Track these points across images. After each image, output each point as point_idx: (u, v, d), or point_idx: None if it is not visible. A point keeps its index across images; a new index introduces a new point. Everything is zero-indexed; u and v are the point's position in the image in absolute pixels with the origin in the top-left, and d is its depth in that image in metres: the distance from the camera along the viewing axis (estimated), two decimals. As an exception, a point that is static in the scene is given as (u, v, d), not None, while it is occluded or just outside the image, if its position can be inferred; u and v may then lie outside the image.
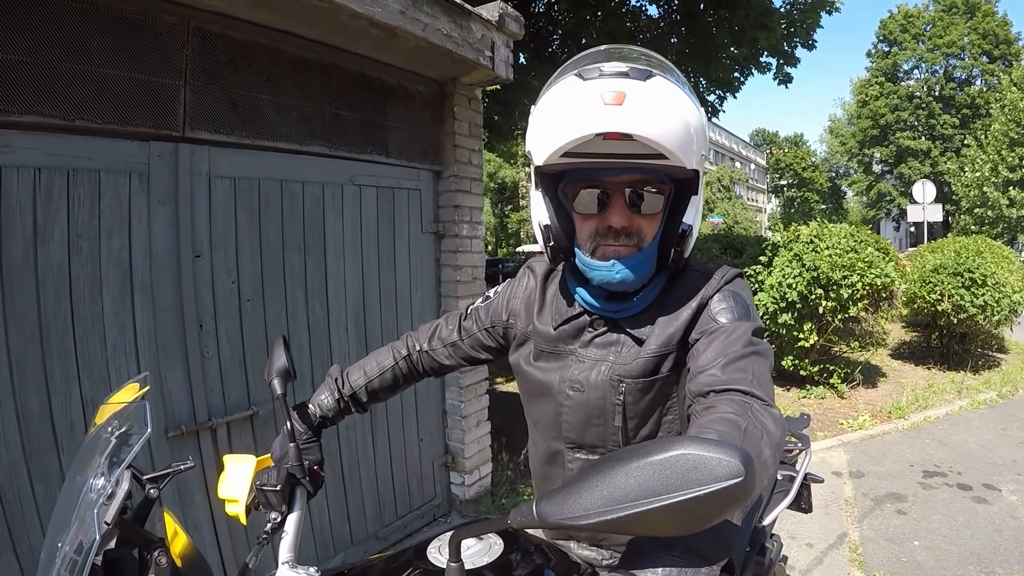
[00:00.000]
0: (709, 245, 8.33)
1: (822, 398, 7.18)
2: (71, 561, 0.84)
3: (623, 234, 1.19)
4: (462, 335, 1.57)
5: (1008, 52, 37.87)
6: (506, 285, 1.54)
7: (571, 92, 1.11)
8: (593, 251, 1.23)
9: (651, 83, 1.07)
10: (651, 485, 0.63)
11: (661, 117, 1.06)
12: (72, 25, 2.30)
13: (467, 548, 1.11)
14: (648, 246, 1.22)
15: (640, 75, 1.07)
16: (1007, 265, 8.65)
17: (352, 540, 3.52)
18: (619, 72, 1.08)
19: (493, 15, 3.73)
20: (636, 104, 1.05)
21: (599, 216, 1.20)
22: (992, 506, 4.37)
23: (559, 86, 1.14)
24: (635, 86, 1.06)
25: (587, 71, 1.10)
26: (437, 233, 4.04)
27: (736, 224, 45.64)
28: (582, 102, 1.08)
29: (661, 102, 1.07)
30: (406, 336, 1.65)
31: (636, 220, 1.20)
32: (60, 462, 2.31)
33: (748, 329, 1.15)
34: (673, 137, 1.08)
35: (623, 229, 1.19)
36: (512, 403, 1.81)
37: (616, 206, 1.19)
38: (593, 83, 1.08)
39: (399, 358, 1.59)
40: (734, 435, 0.91)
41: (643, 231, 1.21)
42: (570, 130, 1.09)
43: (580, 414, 1.30)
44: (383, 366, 1.58)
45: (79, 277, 2.36)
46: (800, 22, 8.89)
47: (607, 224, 1.19)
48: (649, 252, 1.22)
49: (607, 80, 1.07)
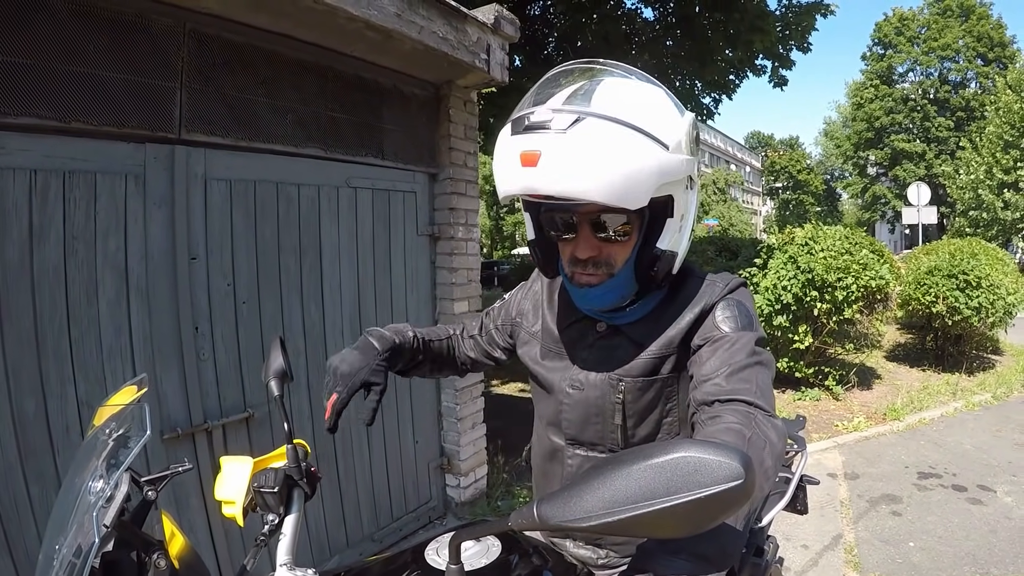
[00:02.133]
0: (704, 247, 8.35)
1: (817, 400, 7.20)
2: (69, 564, 0.84)
3: (590, 263, 1.20)
4: (481, 331, 1.65)
5: (1002, 55, 37.96)
6: (519, 287, 1.60)
7: (501, 145, 1.12)
8: (571, 277, 1.25)
9: (572, 133, 1.02)
10: (652, 487, 0.64)
11: (583, 171, 1.02)
12: (68, 27, 2.30)
13: (465, 550, 1.12)
14: (620, 272, 1.21)
15: (563, 123, 1.03)
16: (1002, 267, 8.67)
17: (348, 542, 3.51)
18: (537, 124, 1.04)
19: (489, 18, 3.73)
20: (551, 162, 1.03)
21: (571, 243, 1.21)
22: (987, 507, 4.38)
23: (501, 132, 1.14)
24: (550, 141, 1.03)
25: (517, 120, 1.09)
26: (432, 236, 4.04)
27: (731, 227, 45.80)
28: (506, 159, 1.09)
29: (582, 154, 1.02)
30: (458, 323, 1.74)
31: (605, 248, 1.19)
32: (56, 464, 2.30)
33: (751, 339, 1.17)
34: (602, 187, 1.03)
35: (590, 259, 1.19)
36: (508, 406, 1.82)
37: (582, 236, 1.18)
38: (515, 140, 1.07)
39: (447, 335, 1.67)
40: (739, 444, 0.92)
41: (613, 258, 1.20)
42: (501, 185, 1.13)
43: (579, 411, 1.33)
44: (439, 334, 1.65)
45: (75, 279, 2.36)
46: (795, 25, 8.89)
47: (573, 254, 1.21)
48: (621, 278, 1.21)
49: (524, 138, 1.06)
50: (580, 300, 1.27)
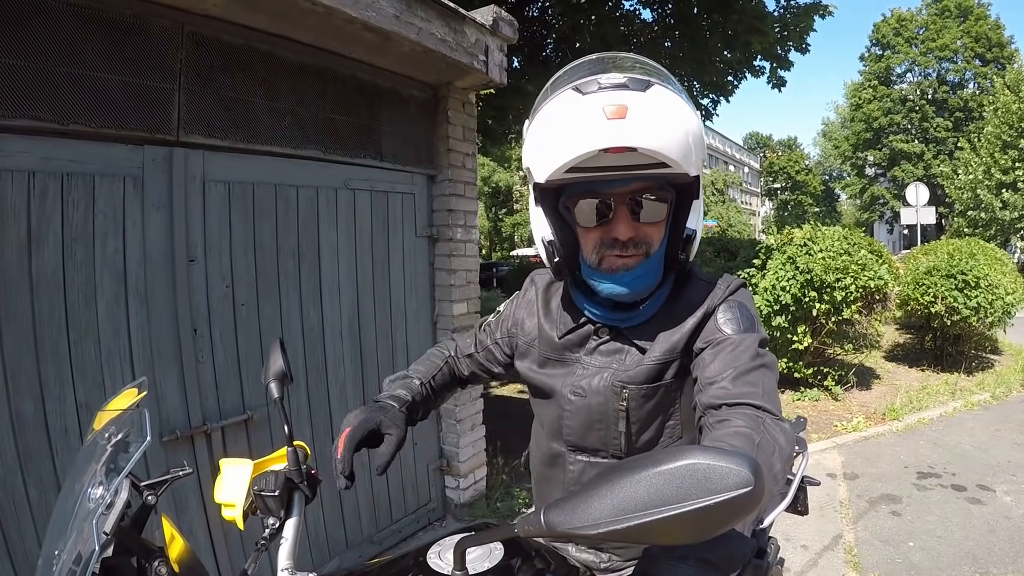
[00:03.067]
0: (703, 248, 8.33)
1: (816, 400, 7.20)
2: (69, 571, 0.83)
3: (630, 244, 1.19)
4: (477, 347, 1.61)
5: (1001, 55, 38.01)
6: (512, 299, 1.58)
7: (571, 107, 1.09)
8: (599, 262, 1.23)
9: (651, 93, 1.07)
10: (661, 494, 0.63)
11: (663, 128, 1.06)
12: (66, 29, 2.29)
13: (468, 554, 1.11)
14: (655, 252, 1.22)
15: (639, 86, 1.06)
16: (1000, 267, 8.67)
17: (347, 544, 3.50)
18: (618, 84, 1.07)
19: (487, 19, 3.73)
20: (638, 116, 1.04)
21: (602, 227, 1.20)
22: (986, 507, 4.38)
23: (556, 101, 1.13)
24: (635, 98, 1.05)
25: (584, 84, 1.09)
26: (431, 237, 4.04)
27: (730, 227, 45.83)
28: (583, 117, 1.07)
29: (662, 113, 1.06)
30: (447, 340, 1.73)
31: (641, 229, 1.19)
32: (55, 467, 2.29)
33: (755, 341, 1.17)
34: (675, 147, 1.07)
35: (629, 240, 1.19)
36: (507, 407, 1.81)
37: (620, 217, 1.18)
38: (593, 96, 1.07)
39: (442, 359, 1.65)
40: (748, 449, 0.92)
41: (650, 238, 1.21)
42: (573, 147, 1.08)
43: (581, 418, 1.32)
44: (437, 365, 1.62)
45: (73, 281, 2.36)
46: (793, 26, 8.90)
47: (612, 236, 1.19)
48: (656, 259, 1.23)
49: (607, 93, 1.06)
50: (615, 285, 1.22)
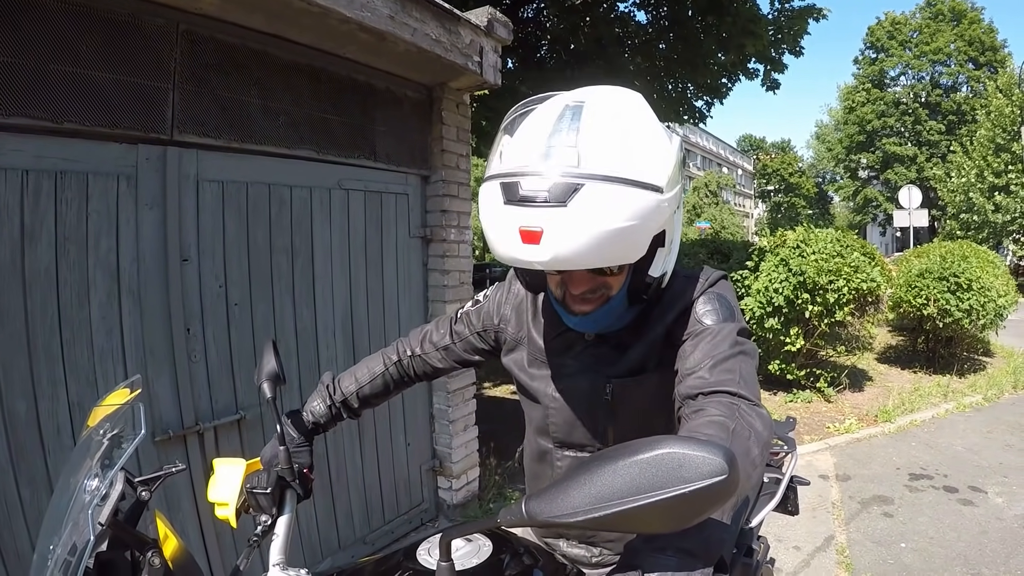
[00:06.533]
0: (696, 250, 8.37)
1: (809, 402, 7.23)
2: (64, 563, 0.84)
3: (587, 293, 1.17)
4: (454, 338, 1.58)
5: (993, 59, 38.20)
6: (495, 289, 1.55)
7: (494, 211, 1.04)
8: (563, 298, 1.21)
9: (572, 206, 0.96)
10: (638, 483, 0.65)
11: (588, 242, 0.98)
12: (60, 27, 2.29)
13: (456, 550, 1.12)
14: (615, 296, 1.19)
15: (562, 195, 0.96)
16: (992, 270, 8.72)
17: (340, 545, 3.51)
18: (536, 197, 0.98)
19: (482, 20, 3.74)
20: (555, 239, 0.98)
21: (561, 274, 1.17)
22: (978, 508, 4.41)
23: (486, 191, 1.07)
24: (553, 216, 0.97)
25: (509, 185, 1.01)
26: (425, 238, 4.04)
27: (723, 229, 45.82)
28: (503, 230, 1.03)
29: (586, 226, 0.97)
30: (396, 342, 1.66)
31: (598, 279, 1.16)
32: (47, 466, 2.29)
33: (733, 330, 1.16)
34: (608, 251, 1.01)
35: (585, 291, 1.17)
36: (500, 408, 1.81)
37: (576, 274, 1.15)
38: (511, 211, 1.01)
39: (390, 364, 1.60)
40: (722, 437, 0.92)
41: (609, 286, 1.18)
42: (499, 252, 1.06)
43: (566, 416, 1.34)
44: (374, 372, 1.59)
45: (66, 280, 2.35)
46: (787, 28, 8.95)
47: (567, 287, 1.18)
48: (617, 300, 1.20)
49: (524, 210, 0.99)
50: (575, 326, 1.25)
